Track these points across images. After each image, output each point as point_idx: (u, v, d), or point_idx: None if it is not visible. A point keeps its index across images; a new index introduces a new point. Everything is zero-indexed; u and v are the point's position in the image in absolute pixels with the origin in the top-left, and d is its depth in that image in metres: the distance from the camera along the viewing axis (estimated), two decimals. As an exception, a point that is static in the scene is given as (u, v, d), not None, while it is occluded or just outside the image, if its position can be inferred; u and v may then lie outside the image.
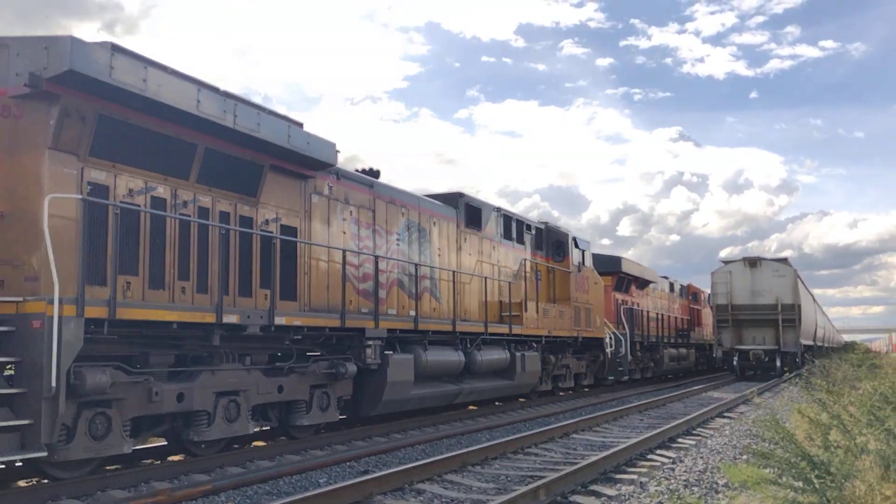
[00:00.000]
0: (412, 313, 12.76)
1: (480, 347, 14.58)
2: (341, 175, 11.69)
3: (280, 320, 9.46)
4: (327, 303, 10.96)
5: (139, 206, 8.20)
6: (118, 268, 7.75)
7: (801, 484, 5.32)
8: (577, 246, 19.84)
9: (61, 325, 6.80)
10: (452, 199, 14.95)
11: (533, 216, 19.41)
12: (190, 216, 8.80)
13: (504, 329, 15.49)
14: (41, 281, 7.18)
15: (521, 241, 17.45)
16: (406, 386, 12.11)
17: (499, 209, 16.66)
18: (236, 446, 9.94)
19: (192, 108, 8.30)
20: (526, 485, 7.20)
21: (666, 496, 7.05)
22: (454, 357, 13.68)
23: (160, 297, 8.43)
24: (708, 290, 33.07)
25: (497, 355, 15.14)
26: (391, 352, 11.83)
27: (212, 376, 8.88)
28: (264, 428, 10.75)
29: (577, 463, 8.44)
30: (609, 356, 21.71)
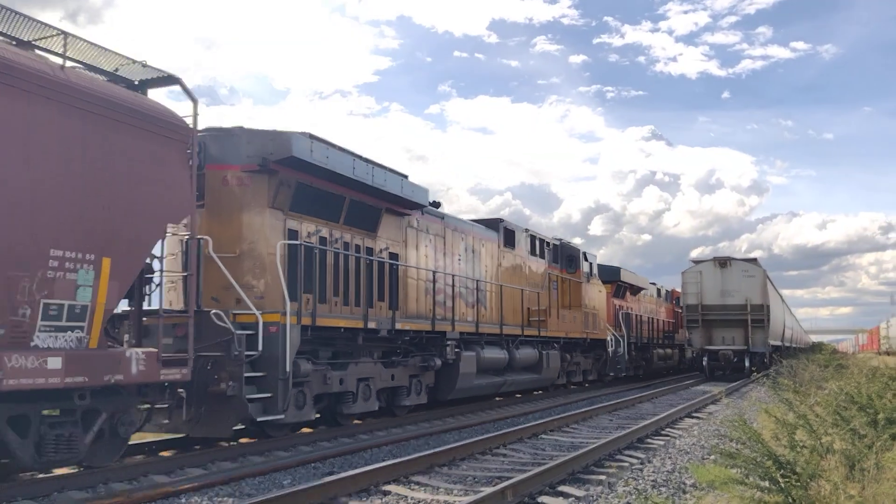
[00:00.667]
0: (470, 319, 15.78)
1: (518, 347, 17.49)
2: (424, 210, 14.45)
3: (398, 325, 12.85)
4: (416, 311, 13.95)
5: (313, 244, 11.07)
6: (303, 288, 10.55)
7: (767, 484, 5.30)
8: (585, 259, 23.11)
9: (290, 330, 9.78)
10: (494, 224, 18.08)
11: (505, 213, 23.83)
12: (339, 249, 11.82)
13: (534, 332, 18.50)
14: (266, 299, 10.28)
15: (542, 256, 20.40)
16: (471, 377, 15.19)
17: (527, 230, 19.71)
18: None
19: (349, 172, 11.34)
20: (493, 486, 7.11)
21: (634, 496, 7.01)
22: (501, 354, 16.70)
23: (323, 309, 11.17)
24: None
25: (530, 353, 18.15)
26: (460, 350, 14.72)
27: (356, 367, 11.86)
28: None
29: (545, 463, 8.38)
30: (611, 355, 24.71)
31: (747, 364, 28.14)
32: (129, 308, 8.55)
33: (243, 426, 10.82)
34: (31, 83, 6.83)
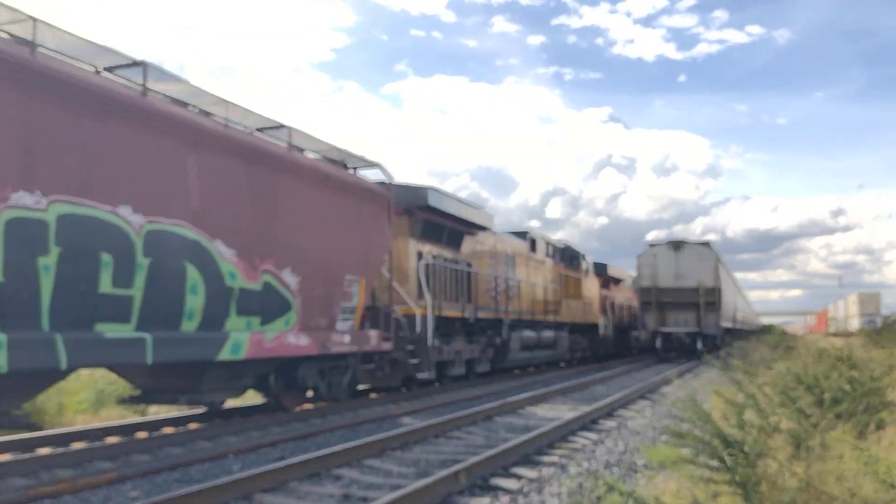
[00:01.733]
0: (512, 309, 20.63)
1: (542, 330, 22.85)
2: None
3: (480, 314, 18.16)
4: (482, 304, 18.66)
5: (432, 261, 15.95)
6: (430, 290, 15.40)
7: (715, 463, 5.34)
8: (584, 258, 28.52)
9: (431, 318, 14.98)
10: (523, 234, 23.11)
11: (463, 195, 26.42)
12: (443, 263, 16.46)
13: (551, 318, 24.07)
14: (410, 298, 14.73)
15: (553, 257, 25.46)
16: (517, 352, 20.70)
17: (544, 237, 24.79)
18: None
19: (452, 210, 16.39)
20: (446, 468, 7.08)
21: (585, 477, 7.03)
22: (533, 335, 22.14)
23: (422, 306, 15.24)
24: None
25: (550, 335, 23.75)
26: (509, 332, 20.04)
27: (455, 342, 16.93)
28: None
29: (498, 446, 8.37)
30: (601, 337, 30.62)
31: (699, 346, 28.59)
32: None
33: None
34: (334, 181, 11.71)
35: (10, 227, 6.63)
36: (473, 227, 18.12)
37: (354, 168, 12.80)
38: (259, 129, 10.61)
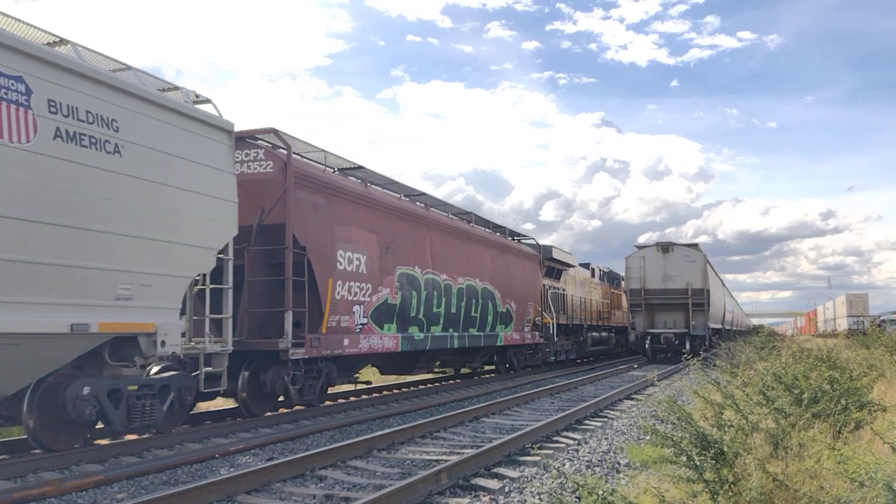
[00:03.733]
0: (584, 317, 30.81)
1: (600, 332, 33.43)
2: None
3: (573, 322, 29.13)
4: (571, 315, 28.59)
5: (550, 290, 25.86)
6: (551, 308, 25.79)
7: (695, 460, 5.44)
8: (620, 279, 37.29)
9: (555, 325, 26.02)
10: (586, 265, 34.01)
11: (457, 199, 37.80)
12: (553, 290, 26.35)
13: (605, 323, 34.84)
14: (544, 313, 24.62)
15: (602, 279, 36.05)
16: (590, 346, 31.02)
17: (598, 266, 35.80)
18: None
19: (560, 258, 26.68)
20: (430, 468, 7.16)
21: (566, 477, 7.11)
22: (597, 335, 32.90)
23: (550, 316, 25.51)
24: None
25: (604, 335, 34.37)
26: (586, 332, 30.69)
27: (559, 340, 26.70)
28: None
29: (482, 446, 8.46)
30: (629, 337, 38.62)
31: (688, 346, 28.73)
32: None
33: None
34: (520, 251, 22.73)
35: (401, 277, 14.71)
36: (566, 266, 28.32)
37: (518, 238, 23.74)
38: (493, 229, 21.68)
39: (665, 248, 30.51)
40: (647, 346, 30.20)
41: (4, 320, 6.86)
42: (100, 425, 8.72)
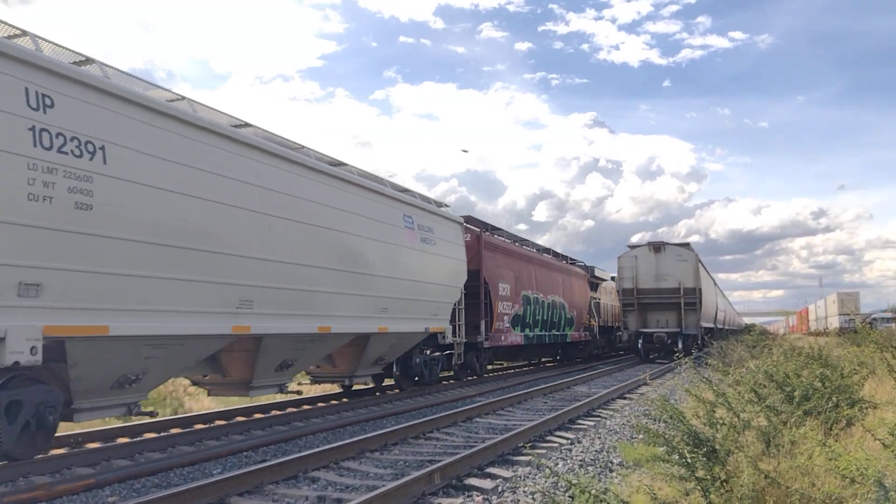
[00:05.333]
0: (610, 320, 36.84)
1: (617, 331, 37.11)
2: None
3: (609, 324, 36.69)
4: (605, 318, 36.07)
5: (593, 300, 34.33)
6: (596, 314, 34.66)
7: (688, 459, 5.45)
8: None
9: (597, 326, 35.09)
10: (611, 278, 38.33)
11: (451, 200, 37.42)
12: (595, 300, 34.72)
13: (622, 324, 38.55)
14: (590, 318, 33.24)
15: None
16: (617, 343, 36.35)
17: (612, 274, 40.00)
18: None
19: (598, 275, 37.75)
20: (422, 469, 7.15)
21: (559, 476, 7.11)
22: (618, 334, 35.11)
23: (593, 320, 34.30)
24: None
25: (620, 335, 36.30)
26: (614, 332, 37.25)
27: (598, 338, 34.97)
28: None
29: (475, 446, 8.46)
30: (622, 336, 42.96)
31: (680, 345, 28.79)
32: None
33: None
34: (574, 271, 31.78)
35: (525, 299, 23.45)
36: (601, 280, 36.78)
37: (573, 261, 32.01)
38: (543, 251, 29.12)
39: (657, 247, 30.58)
40: (639, 345, 30.25)
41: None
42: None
